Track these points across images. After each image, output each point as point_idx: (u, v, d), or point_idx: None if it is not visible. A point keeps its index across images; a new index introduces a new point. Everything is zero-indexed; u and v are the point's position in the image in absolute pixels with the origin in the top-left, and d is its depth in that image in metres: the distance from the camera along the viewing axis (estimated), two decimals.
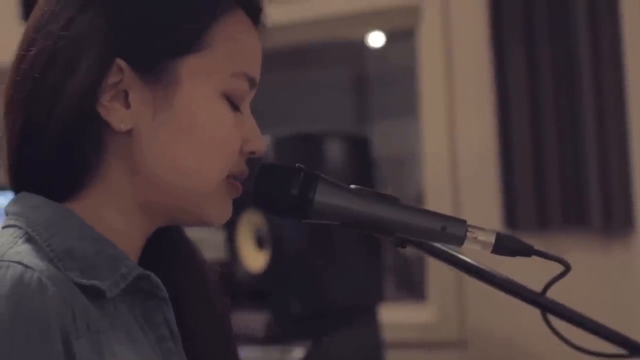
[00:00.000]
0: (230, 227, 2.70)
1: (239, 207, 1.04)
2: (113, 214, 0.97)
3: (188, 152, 0.97)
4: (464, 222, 1.00)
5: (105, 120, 0.94)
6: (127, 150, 0.96)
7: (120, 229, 0.98)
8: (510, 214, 3.12)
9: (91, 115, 0.94)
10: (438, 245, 1.03)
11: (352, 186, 1.01)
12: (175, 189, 0.98)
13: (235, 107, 1.00)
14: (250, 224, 2.65)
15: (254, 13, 1.05)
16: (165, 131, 0.96)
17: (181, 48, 0.96)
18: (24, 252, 0.88)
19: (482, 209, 3.21)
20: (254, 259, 2.63)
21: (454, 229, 1.00)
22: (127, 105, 0.95)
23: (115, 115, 0.94)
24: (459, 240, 1.00)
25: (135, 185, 0.97)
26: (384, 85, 5.05)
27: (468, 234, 0.99)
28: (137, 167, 0.96)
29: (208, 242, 2.89)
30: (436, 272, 3.32)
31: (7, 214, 0.96)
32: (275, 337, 2.50)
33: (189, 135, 0.97)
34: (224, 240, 2.77)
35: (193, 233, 1.12)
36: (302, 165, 1.01)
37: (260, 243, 2.64)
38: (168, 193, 0.98)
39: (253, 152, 1.03)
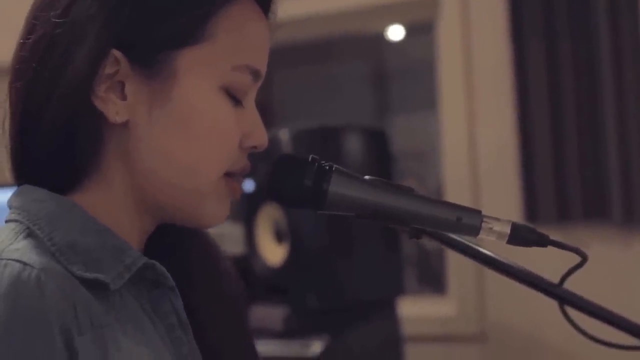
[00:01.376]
0: (249, 221, 2.70)
1: (258, 201, 1.03)
2: (113, 206, 0.96)
3: (184, 146, 0.94)
4: (479, 212, 0.99)
5: (101, 112, 0.93)
6: (124, 143, 0.95)
7: (121, 221, 0.96)
8: (530, 208, 3.11)
9: (88, 106, 0.92)
10: (454, 236, 1.03)
11: (367, 177, 1.00)
12: (170, 185, 0.96)
13: (236, 100, 0.98)
14: (269, 217, 2.64)
15: (265, 2, 1.03)
16: (161, 124, 0.94)
17: (179, 40, 0.94)
18: (23, 248, 0.87)
19: (502, 202, 3.19)
20: (273, 253, 2.63)
21: (469, 220, 0.99)
22: (123, 97, 0.93)
23: (111, 106, 0.93)
24: (475, 231, 0.99)
25: (132, 180, 0.95)
26: (403, 78, 5.04)
27: (483, 224, 0.98)
28: (134, 160, 0.95)
29: (227, 237, 2.89)
30: (456, 265, 3.31)
31: (10, 207, 0.95)
32: (293, 331, 2.49)
33: (186, 129, 0.94)
34: (242, 234, 2.77)
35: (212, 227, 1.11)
36: (316, 157, 1.00)
37: (279, 237, 2.63)
38: (163, 189, 0.96)
39: (255, 147, 1.00)
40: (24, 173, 0.97)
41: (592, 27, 3.01)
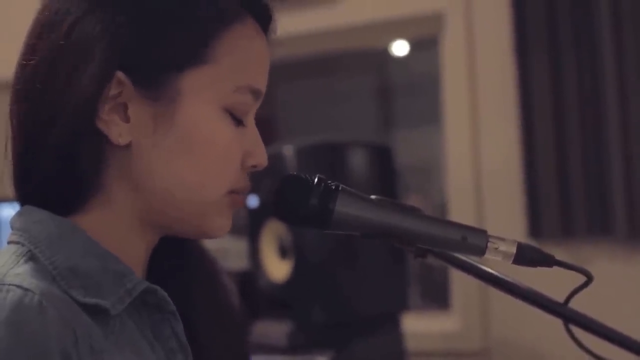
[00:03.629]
0: (253, 237, 2.70)
1: (262, 217, 1.04)
2: (115, 227, 0.96)
3: (187, 167, 0.95)
4: (484, 232, 0.99)
5: (104, 134, 0.93)
6: (127, 164, 0.94)
7: (124, 242, 0.96)
8: (535, 223, 3.10)
9: (91, 128, 0.92)
10: (459, 255, 1.03)
11: (373, 197, 1.01)
12: (173, 203, 0.96)
13: (238, 121, 0.98)
14: (273, 233, 2.65)
15: (264, 20, 1.03)
16: (164, 146, 0.94)
17: (182, 62, 0.94)
18: (24, 273, 0.87)
19: (506, 218, 3.19)
20: (277, 269, 2.63)
21: (474, 240, 0.99)
22: (127, 119, 0.93)
23: (114, 128, 0.93)
24: (480, 251, 0.99)
25: (135, 199, 0.95)
26: (407, 93, 5.05)
27: (489, 244, 0.99)
28: (137, 181, 0.94)
29: (231, 252, 2.90)
30: (460, 281, 3.31)
31: (12, 228, 0.96)
32: (298, 346, 2.49)
33: (189, 151, 0.95)
34: (247, 249, 2.77)
35: (216, 243, 1.11)
36: (322, 176, 1.00)
37: (283, 252, 2.64)
38: (167, 207, 0.96)
39: (255, 166, 1.01)
40: (27, 194, 0.97)
41: (596, 41, 3.01)
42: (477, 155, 3.28)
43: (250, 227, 2.71)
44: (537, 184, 3.11)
